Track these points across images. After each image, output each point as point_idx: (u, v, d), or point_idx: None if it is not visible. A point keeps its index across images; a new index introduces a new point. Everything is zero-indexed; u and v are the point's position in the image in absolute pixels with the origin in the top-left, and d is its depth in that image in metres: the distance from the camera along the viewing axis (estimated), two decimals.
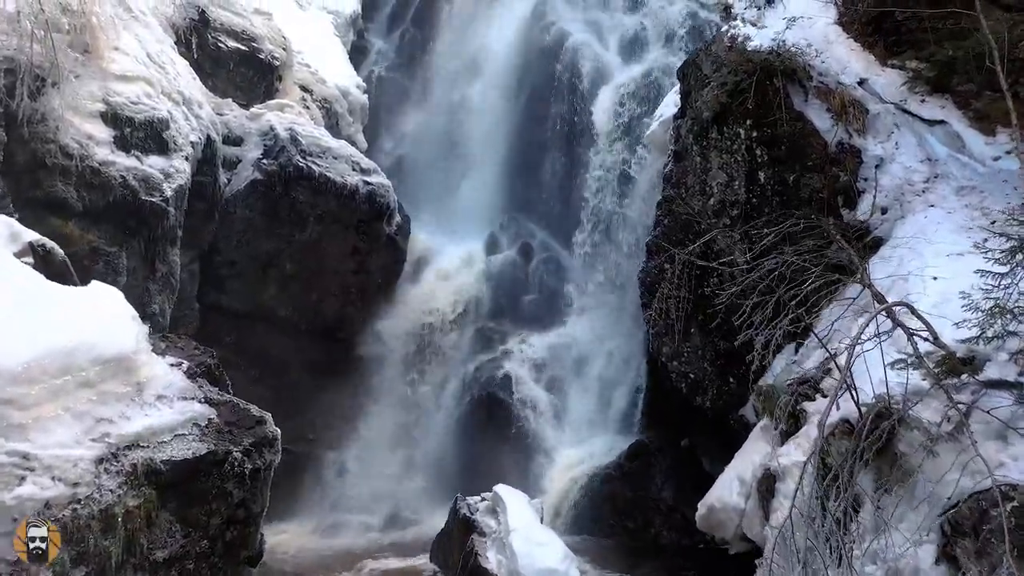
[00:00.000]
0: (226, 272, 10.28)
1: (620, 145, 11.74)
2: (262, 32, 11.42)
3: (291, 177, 10.32)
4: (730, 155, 8.38)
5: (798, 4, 10.57)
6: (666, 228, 8.81)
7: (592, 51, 13.02)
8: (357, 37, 16.41)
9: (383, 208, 11.01)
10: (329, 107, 12.35)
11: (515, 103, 13.42)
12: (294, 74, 12.07)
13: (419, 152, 14.47)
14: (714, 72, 8.72)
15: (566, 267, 11.68)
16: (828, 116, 8.33)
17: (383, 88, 15.52)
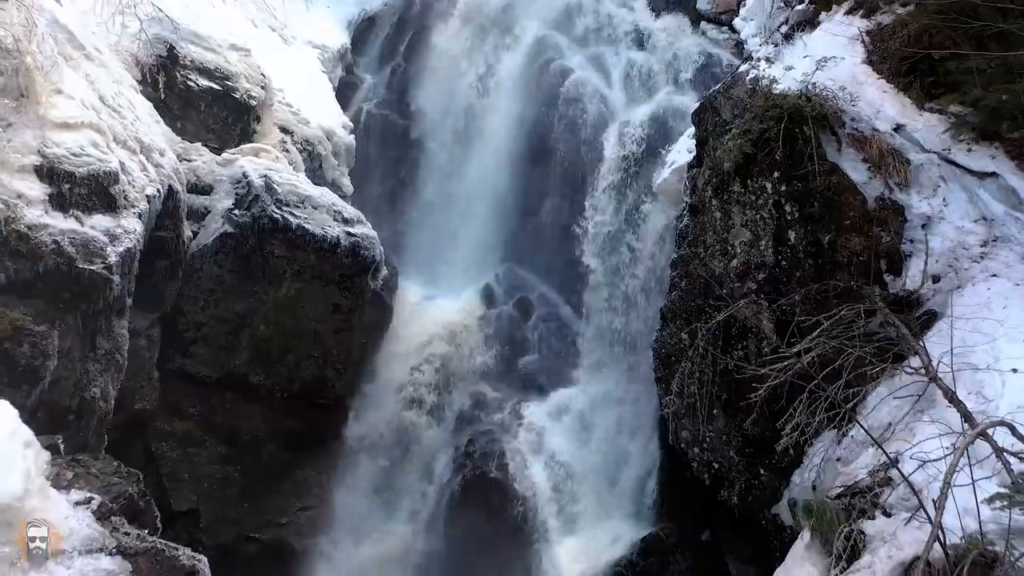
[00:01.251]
0: (192, 335, 9.26)
1: (627, 192, 10.78)
2: (238, 70, 10.52)
3: (265, 229, 9.34)
4: (755, 211, 7.42)
5: (819, 42, 9.74)
6: (683, 292, 7.81)
7: (595, 89, 12.14)
8: (346, 72, 15.57)
9: (368, 261, 10.02)
10: (311, 149, 11.42)
11: (514, 145, 12.50)
12: (274, 114, 11.16)
13: (409, 195, 13.55)
14: (735, 118, 7.79)
15: (568, 324, 10.68)
16: (865, 168, 7.39)
17: (372, 125, 14.64)
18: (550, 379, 10.23)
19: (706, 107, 8.30)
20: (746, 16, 11.82)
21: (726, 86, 8.08)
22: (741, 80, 8.08)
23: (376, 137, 14.53)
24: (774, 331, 7.15)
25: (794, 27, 10.65)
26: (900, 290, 6.57)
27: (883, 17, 9.39)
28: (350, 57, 15.75)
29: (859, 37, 9.21)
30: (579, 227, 11.34)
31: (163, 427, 8.83)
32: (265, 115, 10.98)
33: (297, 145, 11.18)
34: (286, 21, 14.02)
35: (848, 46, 9.29)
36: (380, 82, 15.56)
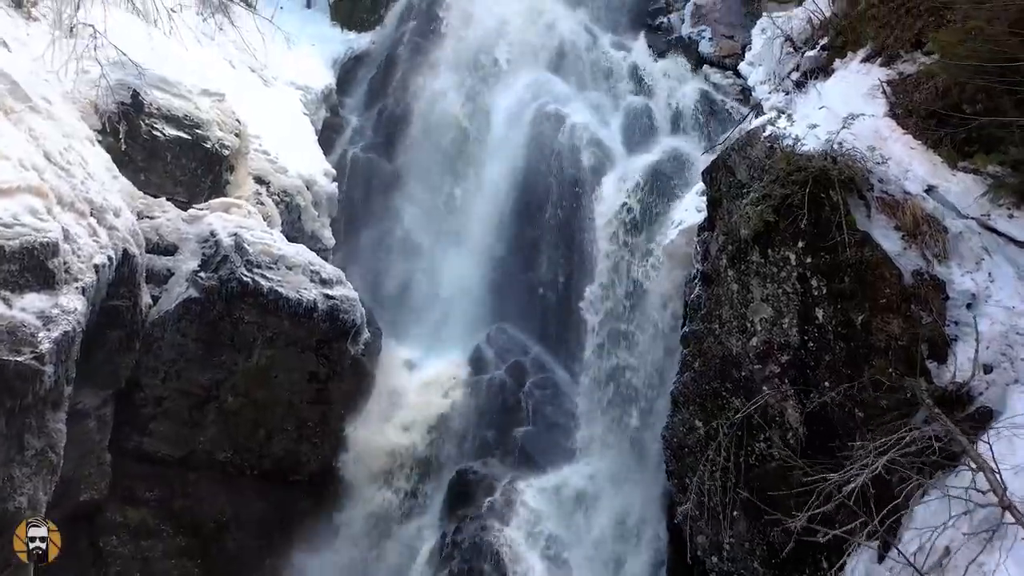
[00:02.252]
0: (151, 411, 8.38)
1: (628, 248, 10.02)
2: (210, 117, 9.75)
3: (234, 294, 8.51)
4: (777, 285, 6.64)
5: (835, 91, 9.06)
6: (696, 374, 7.00)
7: (593, 136, 11.43)
8: (330, 113, 14.84)
9: (347, 326, 9.19)
10: (289, 201, 10.63)
11: (506, 194, 11.75)
12: (249, 163, 10.37)
13: (396, 245, 12.75)
14: (752, 179, 7.05)
15: (565, 393, 9.83)
16: (898, 236, 6.64)
17: (358, 169, 13.88)
18: (547, 454, 9.35)
19: (719, 165, 7.56)
20: (752, 61, 11.15)
21: (741, 143, 7.34)
22: (757, 137, 7.34)
23: (361, 182, 13.77)
24: (801, 422, 6.35)
25: (806, 74, 9.99)
26: (949, 383, 5.76)
27: (905, 66, 8.73)
28: (335, 98, 15.05)
29: (880, 88, 8.53)
30: (576, 284, 10.56)
31: (114, 518, 7.92)
32: (239, 164, 10.20)
33: (274, 196, 10.39)
34: (267, 61, 13.28)
35: (868, 97, 8.61)
36: (366, 124, 14.84)
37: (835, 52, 9.87)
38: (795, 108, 9.63)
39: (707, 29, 12.35)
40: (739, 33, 12.08)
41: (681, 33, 12.67)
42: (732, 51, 11.98)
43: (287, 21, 16.53)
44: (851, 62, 9.54)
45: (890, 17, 9.39)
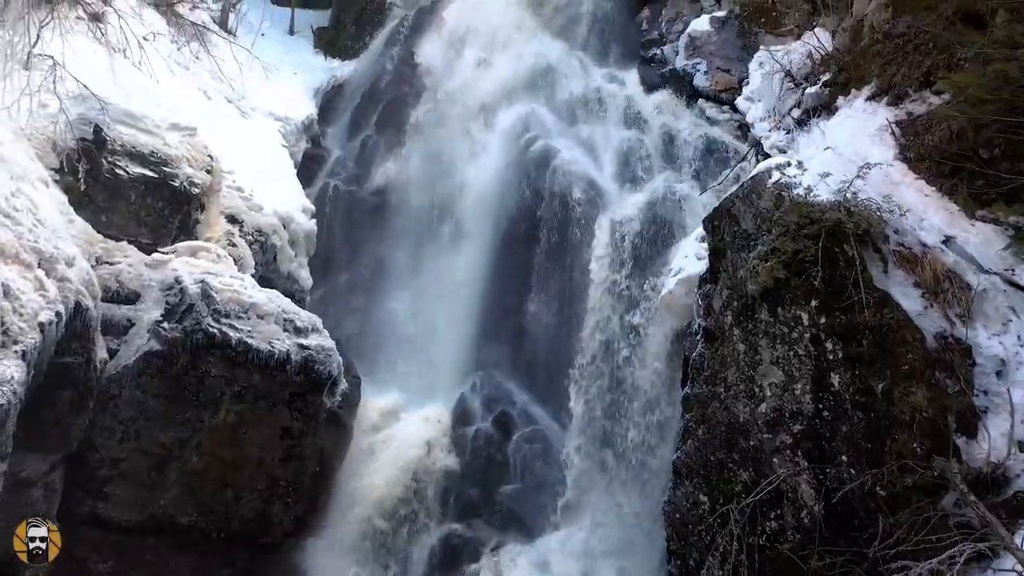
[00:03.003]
0: (106, 473, 7.71)
1: (623, 293, 9.49)
2: (179, 153, 9.17)
3: (200, 345, 7.88)
4: (788, 347, 6.11)
5: (840, 131, 8.63)
6: (700, 443, 6.43)
7: (584, 174, 10.93)
8: (311, 144, 14.29)
9: (323, 378, 8.58)
10: (264, 240, 10.03)
11: (493, 231, 11.21)
12: (221, 201, 9.78)
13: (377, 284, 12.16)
14: (759, 230, 6.54)
15: (555, 448, 9.23)
16: (918, 294, 6.15)
17: (339, 203, 13.31)
18: (535, 515, 8.74)
19: (722, 214, 7.05)
20: (751, 96, 10.73)
21: (746, 191, 6.83)
22: (763, 184, 6.85)
23: (342, 216, 13.19)
24: (816, 499, 5.78)
25: (808, 112, 9.56)
26: (984, 464, 5.23)
27: (914, 106, 8.31)
28: (316, 128, 14.51)
29: (888, 129, 8.10)
30: (566, 329, 10.00)
31: None
32: (211, 203, 9.61)
33: (247, 236, 9.79)
34: (245, 91, 12.79)
35: (876, 139, 8.17)
36: (348, 155, 14.29)
37: (838, 89, 9.45)
38: (797, 147, 9.21)
39: (702, 62, 11.92)
40: (735, 67, 11.66)
41: (675, 66, 12.24)
42: (728, 85, 11.55)
43: (268, 48, 16.14)
44: (855, 100, 9.12)
45: (895, 54, 8.98)
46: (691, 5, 12.91)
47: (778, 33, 11.52)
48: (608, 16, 13.79)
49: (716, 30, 12.14)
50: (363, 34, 17.09)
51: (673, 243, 9.48)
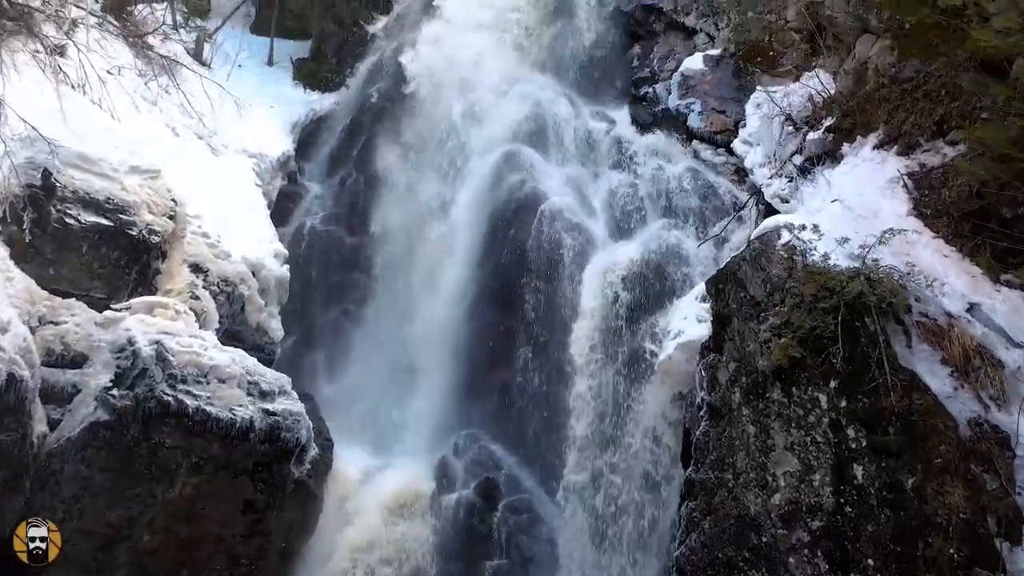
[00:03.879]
0: None
1: (616, 350, 8.86)
2: (139, 198, 8.50)
3: (153, 415, 7.18)
4: (804, 432, 5.48)
5: (847, 181, 8.10)
6: (707, 537, 5.76)
7: (573, 219, 10.34)
8: (288, 181, 13.67)
9: (290, 445, 7.88)
10: (231, 291, 9.33)
11: (477, 279, 10.58)
12: (185, 249, 9.10)
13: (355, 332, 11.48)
14: (770, 298, 5.94)
15: (544, 519, 8.54)
16: (946, 373, 5.56)
17: (316, 244, 12.67)
18: None
19: (727, 277, 6.45)
20: (749, 139, 10.22)
21: (754, 254, 6.24)
22: (771, 246, 6.27)
23: (319, 257, 12.56)
24: None
25: (812, 159, 9.04)
26: None
27: (926, 157, 7.79)
28: (293, 164, 13.88)
29: (900, 181, 7.58)
30: (555, 387, 9.34)
31: None
32: (173, 251, 8.92)
33: (213, 286, 9.09)
34: (217, 127, 12.19)
35: (887, 191, 7.65)
36: (327, 193, 13.68)
37: (843, 135, 8.94)
38: (801, 197, 8.67)
39: (696, 102, 11.41)
40: (731, 107, 11.16)
41: (668, 105, 11.72)
42: (724, 127, 11.04)
43: (245, 80, 15.55)
44: (862, 148, 8.60)
45: (903, 100, 8.49)
46: (684, 43, 12.43)
47: (776, 73, 11.05)
48: (598, 53, 13.31)
49: (710, 69, 11.65)
50: (344, 66, 16.55)
51: (669, 298, 8.87)
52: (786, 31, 11.28)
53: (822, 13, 10.37)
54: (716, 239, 9.13)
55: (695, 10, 12.46)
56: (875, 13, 9.36)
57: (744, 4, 11.89)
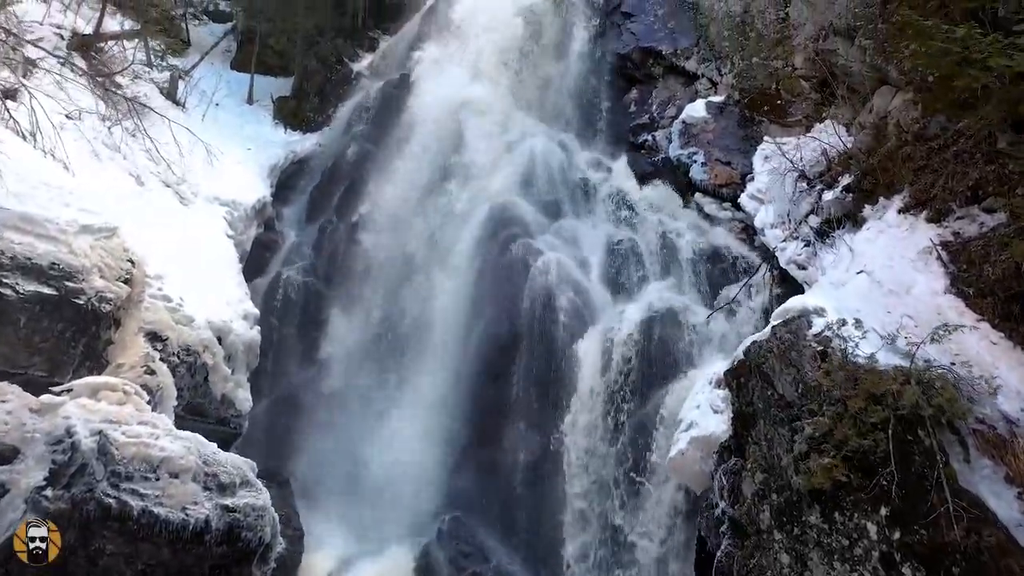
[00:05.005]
0: None
1: (616, 433, 8.02)
2: (88, 262, 7.64)
3: (93, 518, 6.25)
4: (850, 567, 4.65)
5: (873, 250, 7.37)
6: None
7: (569, 277, 9.57)
8: (264, 228, 12.87)
9: (252, 545, 6.96)
10: (193, 361, 8.45)
11: (465, 344, 9.75)
12: (142, 315, 8.22)
13: (333, 401, 10.58)
14: (803, 400, 5.14)
15: None
16: (1012, 495, 4.80)
17: (293, 297, 11.82)
18: None
19: (749, 369, 5.65)
20: (758, 195, 9.50)
21: (782, 344, 5.45)
22: (800, 334, 5.48)
23: (296, 312, 11.72)
24: None
25: (830, 222, 8.32)
26: None
27: (962, 225, 7.07)
28: (270, 210, 13.11)
29: (933, 251, 6.86)
30: (550, 468, 8.49)
31: None
32: (128, 318, 8.05)
33: (172, 357, 8.20)
34: (187, 173, 11.39)
35: (919, 263, 6.92)
36: (306, 241, 12.87)
37: (863, 196, 8.24)
38: (821, 265, 7.93)
39: (699, 152, 10.72)
40: (737, 159, 10.47)
41: (668, 154, 11.03)
42: (729, 179, 10.33)
43: (223, 119, 14.80)
44: (886, 211, 7.90)
45: (931, 160, 7.81)
46: (685, 88, 11.77)
47: (784, 123, 10.38)
48: (594, 97, 12.65)
49: (714, 117, 10.98)
50: (327, 106, 15.86)
51: (675, 372, 8.06)
52: (794, 79, 10.63)
53: (834, 61, 9.73)
54: (727, 308, 8.33)
55: (696, 54, 11.83)
56: (895, 64, 8.71)
57: (748, 49, 11.26)
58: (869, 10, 9.27)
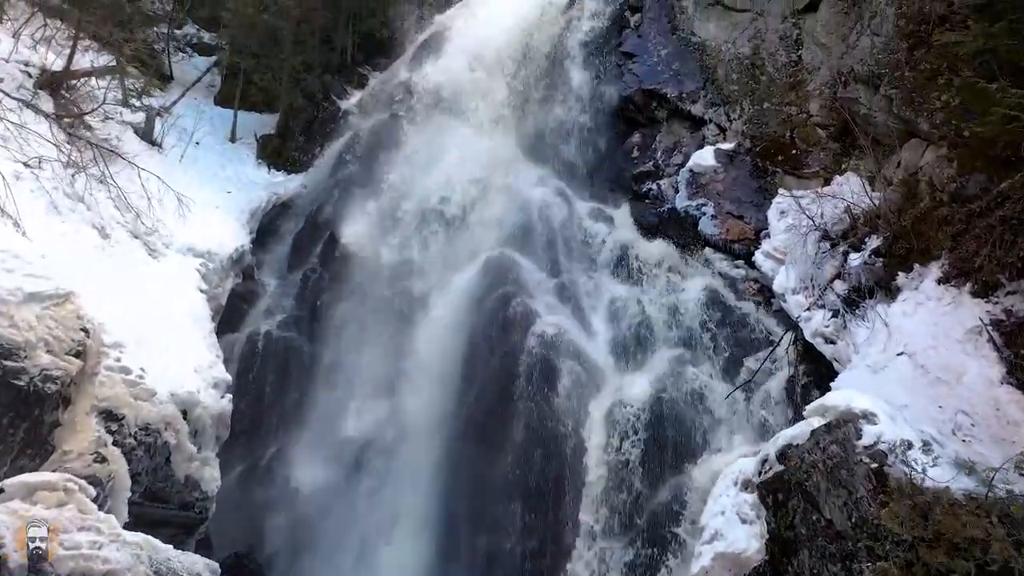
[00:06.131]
0: None
1: (626, 524, 7.17)
2: (33, 335, 6.79)
3: None
4: None
5: (912, 325, 6.61)
6: None
7: (571, 344, 8.77)
8: (242, 278, 12.00)
9: None
10: (152, 441, 7.57)
11: (457, 413, 8.91)
12: (96, 391, 7.35)
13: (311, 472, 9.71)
14: (857, 531, 4.33)
15: None
16: None
17: (273, 352, 10.98)
18: None
19: (789, 486, 4.84)
20: (775, 254, 8.76)
21: (829, 459, 4.65)
22: (849, 448, 4.68)
23: (276, 368, 10.88)
24: None
25: (860, 290, 7.56)
26: None
27: (1014, 301, 6.34)
28: (249, 258, 12.23)
29: (982, 331, 6.11)
30: (553, 564, 7.60)
31: None
32: (79, 396, 7.17)
33: (129, 439, 7.32)
34: (158, 223, 10.55)
35: (967, 345, 6.19)
36: (287, 292, 12.02)
37: (895, 262, 7.47)
38: (853, 341, 7.14)
39: (708, 204, 9.98)
40: (749, 212, 9.73)
41: (675, 205, 10.28)
42: (743, 235, 9.58)
43: (203, 159, 13.95)
44: (922, 280, 7.14)
45: (971, 224, 7.05)
46: (691, 134, 11.06)
47: (800, 175, 9.67)
48: (594, 140, 11.91)
49: (723, 166, 10.25)
50: (313, 145, 15.10)
51: (691, 456, 7.24)
52: (809, 127, 9.94)
53: (855, 110, 9.03)
54: (751, 386, 7.53)
55: (703, 98, 11.13)
56: (926, 116, 8.01)
57: (759, 94, 10.58)
58: (893, 56, 8.60)
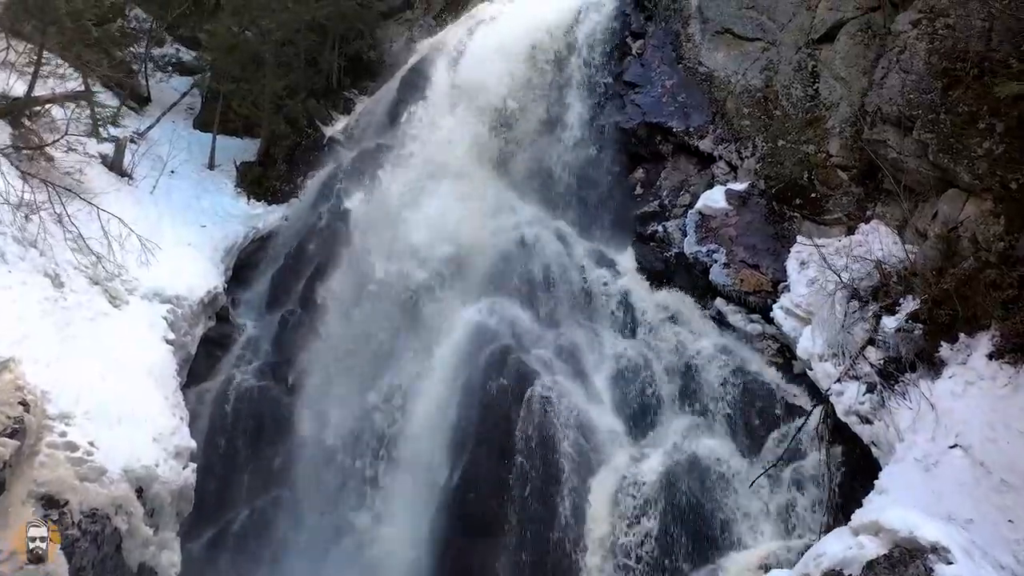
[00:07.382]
0: None
1: None
2: None
3: None
4: None
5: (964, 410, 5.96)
6: None
7: (574, 414, 7.93)
8: (216, 320, 11.09)
9: None
10: (100, 529, 6.67)
11: (445, 488, 8.06)
12: (36, 473, 6.45)
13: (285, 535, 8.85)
14: None
15: None
16: None
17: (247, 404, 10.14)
18: None
19: None
20: (795, 310, 7.98)
21: None
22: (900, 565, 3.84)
23: (249, 421, 10.05)
24: None
25: (899, 362, 6.76)
26: None
27: None
28: (223, 299, 11.27)
29: None
30: None
31: None
32: (16, 481, 6.28)
33: (73, 528, 6.39)
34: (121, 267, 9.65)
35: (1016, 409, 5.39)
36: (264, 334, 11.13)
37: (937, 330, 6.68)
38: (893, 423, 6.32)
39: (719, 250, 9.18)
40: (766, 260, 8.94)
41: (683, 250, 9.48)
42: (759, 286, 8.79)
43: (178, 190, 12.95)
44: (971, 354, 6.35)
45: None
46: (699, 172, 10.27)
47: (821, 221, 8.90)
48: (594, 176, 11.08)
49: (735, 208, 9.47)
50: (296, 174, 14.19)
51: (712, 549, 6.40)
52: (829, 167, 9.18)
53: (883, 153, 8.27)
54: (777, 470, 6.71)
55: (712, 133, 10.35)
56: (966, 165, 7.25)
57: (773, 130, 9.82)
58: (926, 96, 7.85)
